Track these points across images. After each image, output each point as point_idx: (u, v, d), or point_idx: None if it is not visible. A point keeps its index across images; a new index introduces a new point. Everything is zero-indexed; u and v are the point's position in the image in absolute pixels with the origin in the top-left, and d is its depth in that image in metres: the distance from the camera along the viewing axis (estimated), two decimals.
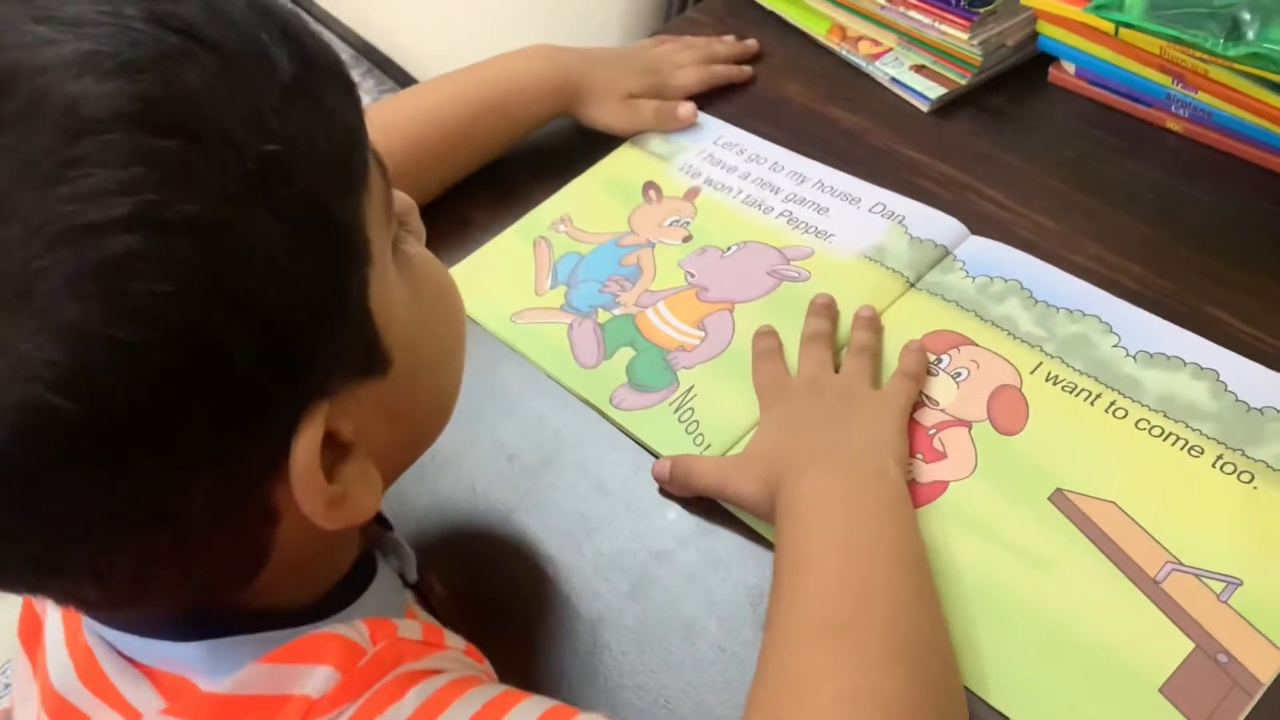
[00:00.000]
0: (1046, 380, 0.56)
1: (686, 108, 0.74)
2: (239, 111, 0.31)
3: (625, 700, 0.48)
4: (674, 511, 0.55)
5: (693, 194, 0.70)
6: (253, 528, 0.35)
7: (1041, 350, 0.57)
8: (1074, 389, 0.55)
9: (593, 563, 0.53)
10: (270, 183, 0.31)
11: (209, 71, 0.31)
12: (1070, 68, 0.72)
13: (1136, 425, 0.53)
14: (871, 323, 0.59)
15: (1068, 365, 0.56)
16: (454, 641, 0.41)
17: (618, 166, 0.73)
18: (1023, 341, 0.58)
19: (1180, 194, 0.66)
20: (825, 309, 0.60)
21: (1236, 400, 0.53)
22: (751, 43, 0.79)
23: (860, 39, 0.78)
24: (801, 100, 0.76)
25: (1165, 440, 0.53)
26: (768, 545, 0.52)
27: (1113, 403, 0.54)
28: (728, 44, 0.79)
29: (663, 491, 0.55)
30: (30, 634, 0.40)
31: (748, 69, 0.78)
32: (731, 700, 0.48)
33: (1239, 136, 0.66)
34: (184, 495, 0.32)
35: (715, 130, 0.74)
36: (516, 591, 0.53)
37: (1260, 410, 0.53)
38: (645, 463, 0.57)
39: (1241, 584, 0.47)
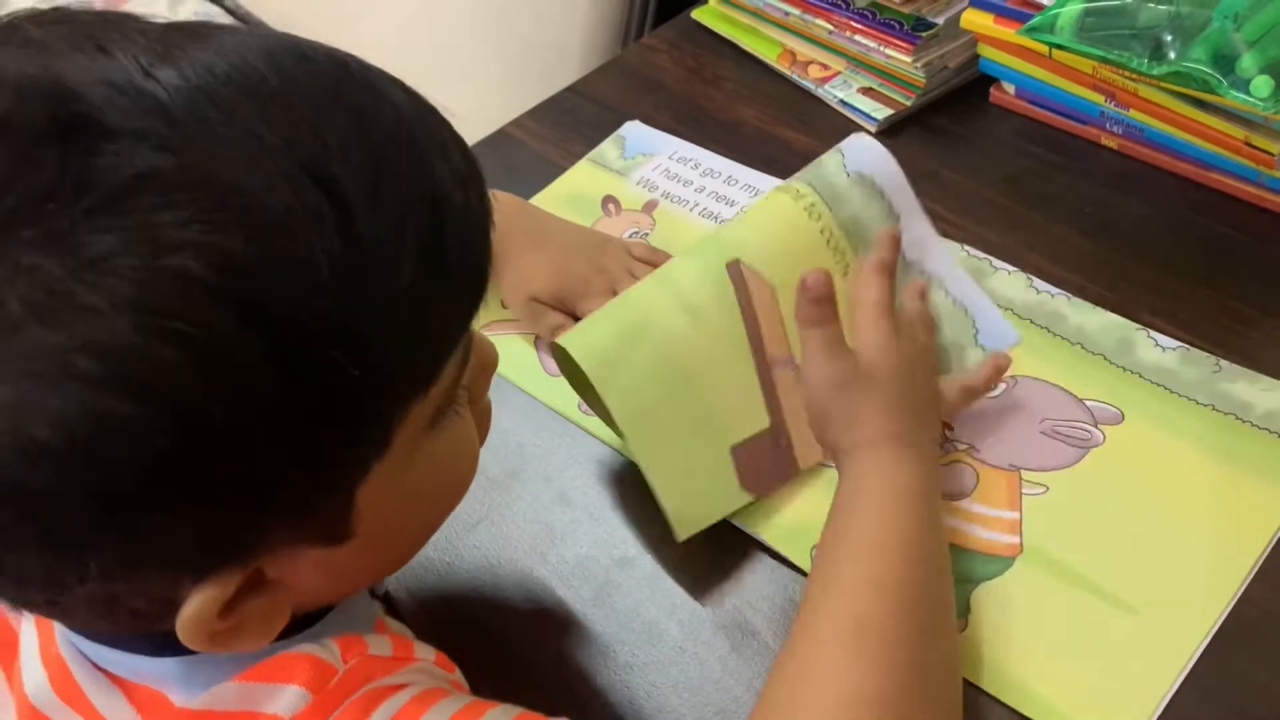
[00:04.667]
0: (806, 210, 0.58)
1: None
2: (328, 311, 0.30)
3: (590, 703, 0.50)
4: (635, 519, 0.56)
5: (650, 206, 0.72)
6: (154, 599, 0.33)
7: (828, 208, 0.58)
8: (810, 208, 0.58)
9: (557, 571, 0.55)
10: (306, 382, 0.30)
11: (325, 262, 0.29)
12: (1010, 88, 0.75)
13: (821, 232, 0.57)
14: (894, 240, 0.56)
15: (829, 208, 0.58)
16: (423, 652, 0.42)
17: (577, 182, 0.75)
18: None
19: (1115, 207, 0.69)
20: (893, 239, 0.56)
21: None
22: None
23: (810, 63, 0.80)
24: (755, 122, 0.78)
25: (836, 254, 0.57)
26: (726, 547, 0.54)
27: (813, 204, 0.57)
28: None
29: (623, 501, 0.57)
30: (3, 646, 0.41)
31: None
32: (693, 700, 0.49)
33: (1169, 151, 0.69)
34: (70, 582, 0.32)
35: (670, 146, 0.76)
36: (484, 601, 0.54)
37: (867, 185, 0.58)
38: (608, 473, 0.58)
39: None
